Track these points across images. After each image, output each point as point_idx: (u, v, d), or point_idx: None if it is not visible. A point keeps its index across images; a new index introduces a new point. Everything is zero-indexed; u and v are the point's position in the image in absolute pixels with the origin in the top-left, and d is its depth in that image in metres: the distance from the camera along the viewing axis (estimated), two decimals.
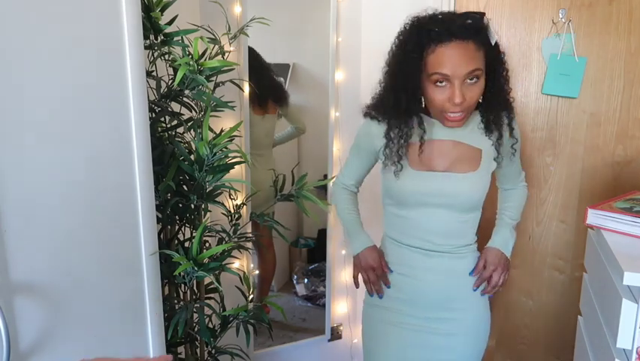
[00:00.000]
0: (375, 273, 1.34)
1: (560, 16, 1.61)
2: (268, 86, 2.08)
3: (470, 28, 1.12)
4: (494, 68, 1.20)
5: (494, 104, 1.22)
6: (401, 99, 1.22)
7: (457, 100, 1.10)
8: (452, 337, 1.30)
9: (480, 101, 1.20)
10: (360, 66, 1.96)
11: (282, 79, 2.23)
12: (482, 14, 1.16)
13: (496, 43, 1.18)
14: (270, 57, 2.04)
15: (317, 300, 2.44)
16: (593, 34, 1.60)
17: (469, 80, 1.12)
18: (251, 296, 1.51)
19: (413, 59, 1.15)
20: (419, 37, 1.14)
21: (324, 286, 2.16)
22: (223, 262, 1.30)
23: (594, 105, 1.64)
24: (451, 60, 1.10)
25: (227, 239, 1.42)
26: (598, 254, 1.24)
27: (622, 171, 1.64)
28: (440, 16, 1.15)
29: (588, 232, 1.39)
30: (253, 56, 1.96)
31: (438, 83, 1.13)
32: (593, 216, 1.28)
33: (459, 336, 1.30)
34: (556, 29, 1.63)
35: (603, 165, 1.66)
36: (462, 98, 1.11)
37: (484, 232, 1.38)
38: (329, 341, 2.15)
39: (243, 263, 1.87)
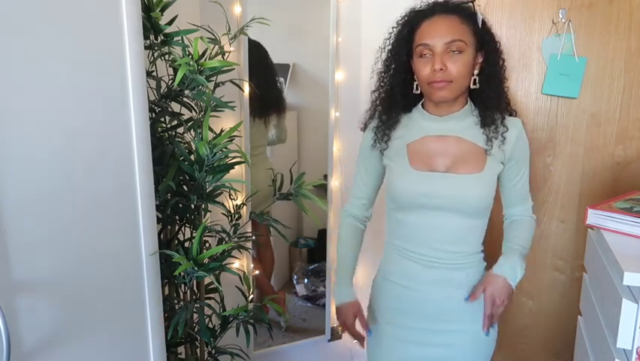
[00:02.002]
0: (349, 328, 1.33)
1: (560, 16, 1.61)
2: (274, 98, 2.09)
3: (454, 5, 1.21)
4: (489, 57, 1.23)
5: (489, 95, 1.23)
6: (395, 88, 1.27)
7: (437, 66, 1.15)
8: (453, 348, 1.28)
9: (477, 92, 1.24)
10: (360, 66, 1.96)
11: (282, 79, 2.24)
12: (471, 0, 1.23)
13: (488, 28, 1.24)
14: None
15: (317, 300, 2.44)
16: (593, 34, 1.60)
17: (451, 52, 1.17)
18: (251, 296, 1.51)
19: (404, 40, 1.24)
20: (409, 18, 1.24)
21: (324, 287, 2.17)
22: (223, 262, 1.30)
23: (594, 105, 1.64)
24: (432, 30, 1.17)
25: (227, 239, 1.42)
26: (598, 254, 1.24)
27: (622, 172, 1.64)
28: (431, 2, 1.25)
29: (588, 232, 1.39)
30: (261, 54, 1.96)
31: (422, 55, 1.19)
32: (593, 217, 1.28)
33: (459, 348, 1.28)
34: (556, 29, 1.63)
35: (603, 165, 1.66)
36: (441, 64, 1.15)
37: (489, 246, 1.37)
38: (329, 341, 2.15)
39: (242, 263, 1.87)
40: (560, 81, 1.64)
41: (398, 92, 1.27)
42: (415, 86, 1.26)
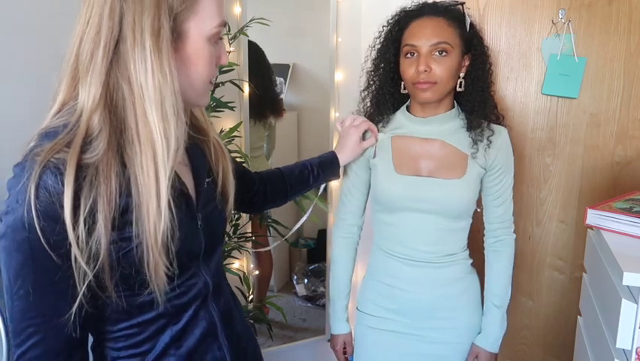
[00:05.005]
0: (338, 355, 1.44)
1: (560, 17, 1.61)
2: (270, 100, 2.09)
3: (442, 7, 1.21)
4: (476, 60, 1.24)
5: (475, 98, 1.24)
6: (383, 87, 1.29)
7: (421, 67, 1.15)
8: (444, 345, 1.29)
9: (464, 95, 1.25)
10: (360, 66, 1.96)
11: (281, 80, 2.24)
12: (461, 3, 1.23)
13: (476, 31, 1.24)
14: (270, 57, 2.04)
15: (317, 300, 2.44)
16: (593, 34, 1.60)
17: (437, 53, 1.16)
18: (250, 297, 1.51)
19: (392, 39, 1.24)
20: (399, 18, 1.25)
21: (324, 287, 2.17)
22: (223, 263, 1.30)
23: (594, 105, 1.64)
24: (419, 32, 1.18)
25: (226, 239, 1.42)
26: (597, 254, 1.24)
27: (622, 172, 1.64)
28: (420, 2, 1.25)
29: (588, 233, 1.39)
30: (259, 55, 1.96)
31: (408, 55, 1.19)
32: (593, 217, 1.28)
33: (451, 344, 1.30)
34: (556, 29, 1.63)
35: (603, 165, 1.66)
36: (426, 66, 1.15)
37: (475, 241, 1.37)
38: (329, 341, 2.15)
39: (242, 263, 1.87)
40: (560, 81, 1.64)
41: (386, 92, 1.28)
42: (402, 85, 1.26)
